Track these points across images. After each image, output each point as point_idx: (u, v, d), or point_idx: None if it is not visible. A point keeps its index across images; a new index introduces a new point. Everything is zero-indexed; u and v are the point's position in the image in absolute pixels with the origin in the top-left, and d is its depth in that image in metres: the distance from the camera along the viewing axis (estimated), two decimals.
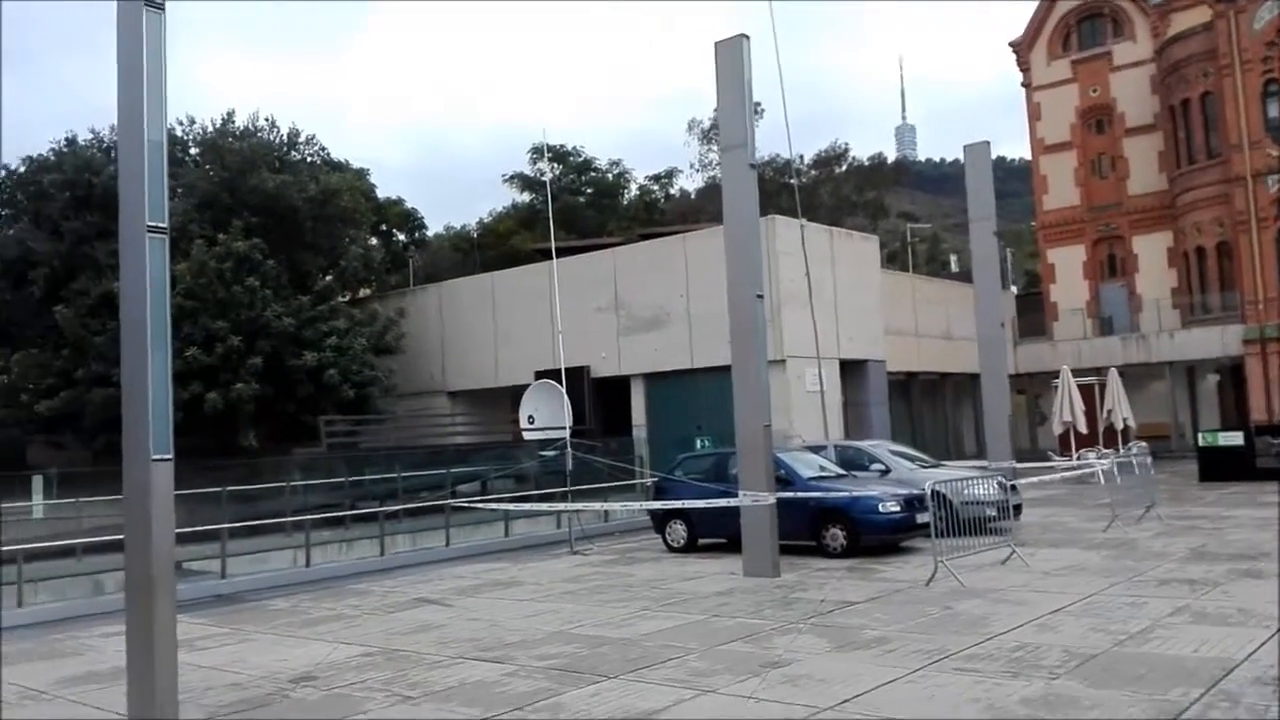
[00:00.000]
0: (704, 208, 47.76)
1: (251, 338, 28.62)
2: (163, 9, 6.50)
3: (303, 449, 28.13)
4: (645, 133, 77.08)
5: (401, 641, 9.56)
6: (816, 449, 17.80)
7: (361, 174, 41.47)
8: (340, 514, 19.85)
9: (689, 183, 56.46)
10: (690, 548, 15.85)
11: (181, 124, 34.37)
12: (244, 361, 28.14)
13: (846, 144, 55.25)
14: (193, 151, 34.38)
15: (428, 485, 23.05)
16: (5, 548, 14.70)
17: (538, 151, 48.54)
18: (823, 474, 15.53)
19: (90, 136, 34.09)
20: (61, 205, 31.87)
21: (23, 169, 34.52)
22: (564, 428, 18.71)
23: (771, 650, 8.25)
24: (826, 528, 14.26)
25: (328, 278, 34.85)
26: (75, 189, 31.89)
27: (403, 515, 20.07)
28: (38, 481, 24.88)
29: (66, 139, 34.00)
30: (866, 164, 55.79)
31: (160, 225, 6.58)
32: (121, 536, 7.17)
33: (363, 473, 24.78)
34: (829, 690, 6.86)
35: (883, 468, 16.94)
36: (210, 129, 34.31)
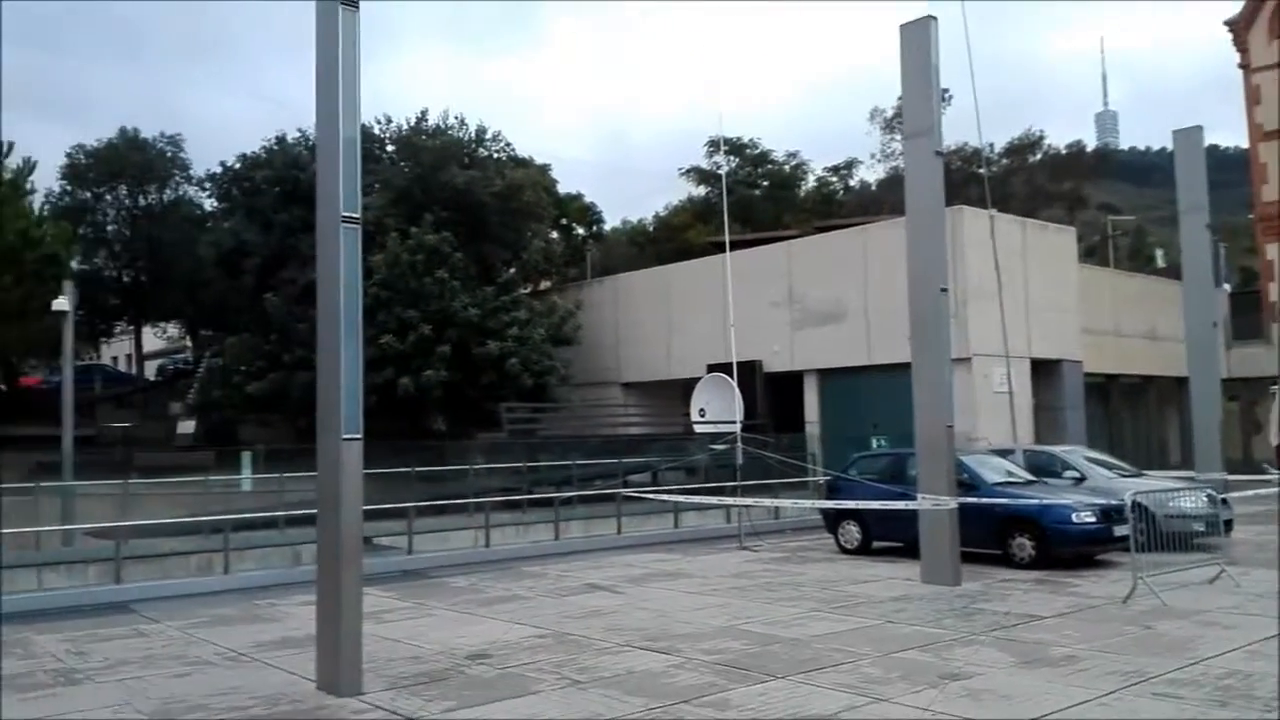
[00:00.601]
0: (885, 199, 46.39)
1: (440, 327, 29.90)
2: (357, 7, 6.79)
3: (485, 434, 29.15)
4: (824, 123, 75.68)
5: (572, 625, 9.71)
6: (1004, 453, 16.94)
7: (544, 169, 42.55)
8: (518, 498, 20.45)
9: (869, 174, 54.99)
10: (864, 550, 15.40)
11: (379, 122, 36.27)
12: (433, 349, 29.43)
13: (1041, 131, 52.30)
14: (389, 149, 36.21)
15: (601, 473, 23.44)
16: (217, 517, 15.93)
17: (714, 145, 48.43)
18: (1010, 479, 14.74)
19: (298, 135, 36.50)
20: (271, 200, 34.27)
21: (238, 166, 37.36)
22: (735, 422, 18.58)
23: (950, 661, 7.86)
24: (1013, 536, 13.53)
25: (511, 270, 35.97)
26: (283, 184, 34.21)
27: (576, 502, 20.47)
28: (246, 457, 26.89)
29: (276, 137, 36.53)
30: (1064, 152, 52.70)
31: (353, 216, 6.89)
32: (314, 511, 7.63)
33: (539, 459, 25.46)
34: (1012, 707, 6.46)
35: (1077, 475, 15.93)
36: (405, 127, 36.05)
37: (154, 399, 44.77)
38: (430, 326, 29.47)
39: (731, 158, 49.13)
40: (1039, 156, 51.66)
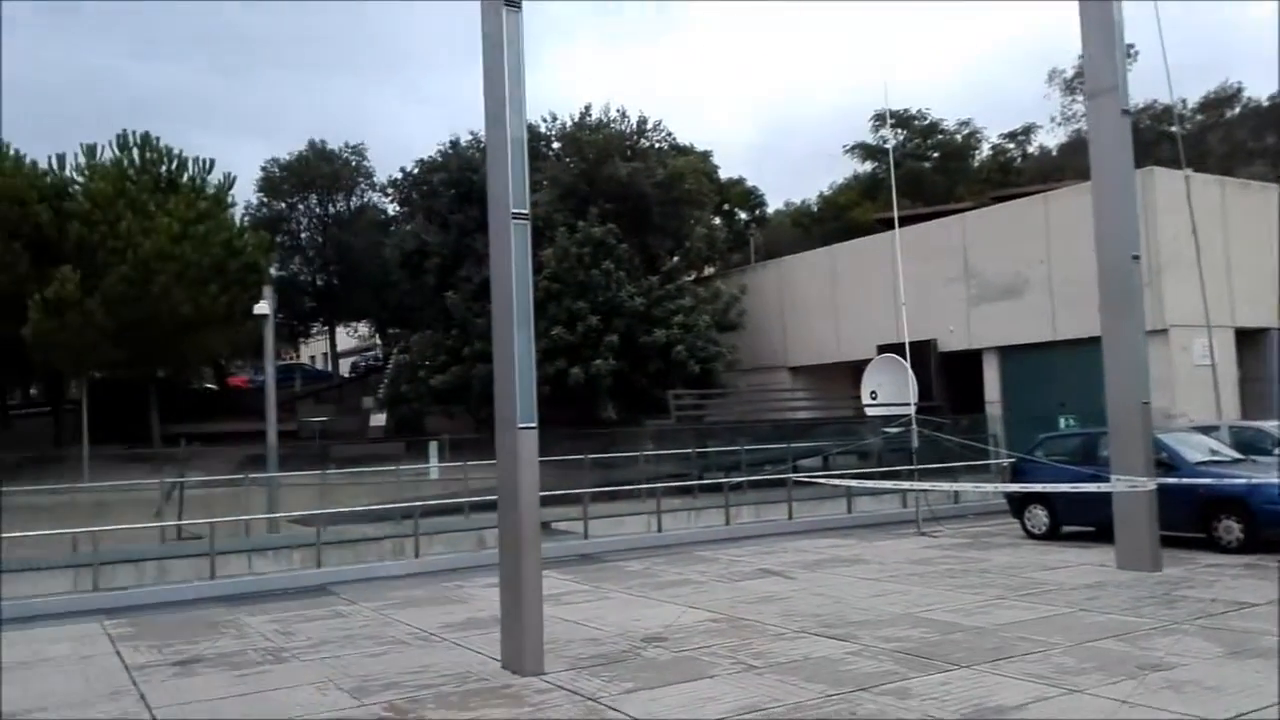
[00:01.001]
0: (1067, 165, 43.79)
1: (608, 317, 30.46)
2: (519, 7, 6.97)
3: (654, 421, 29.51)
4: (997, 89, 71.84)
5: (746, 610, 9.70)
6: (1207, 430, 15.75)
7: (705, 156, 42.52)
8: (689, 483, 20.59)
9: (1049, 138, 52.01)
10: (1052, 535, 14.67)
11: (545, 120, 37.18)
12: (602, 339, 30.02)
13: (1239, 83, 47.90)
14: (554, 146, 37.09)
15: (770, 459, 23.28)
16: (407, 504, 16.80)
17: (879, 118, 47.04)
18: (1214, 458, 13.69)
19: (470, 137, 37.91)
20: (448, 201, 35.76)
21: (416, 170, 39.15)
22: (909, 404, 18.04)
23: (1150, 651, 7.39)
24: (1218, 519, 12.58)
25: (674, 258, 36.19)
26: (458, 186, 35.63)
27: (747, 487, 20.43)
28: (433, 447, 28.24)
29: (450, 141, 38.06)
30: (1266, 105, 48.25)
31: (522, 213, 7.09)
32: (496, 497, 7.93)
33: (708, 444, 25.55)
34: (1221, 701, 6.01)
35: None
36: (569, 124, 36.82)
37: (348, 394, 47.69)
38: (598, 317, 30.06)
39: (899, 131, 47.61)
40: (1237, 111, 47.51)
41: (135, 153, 32.08)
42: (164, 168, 32.39)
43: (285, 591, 12.46)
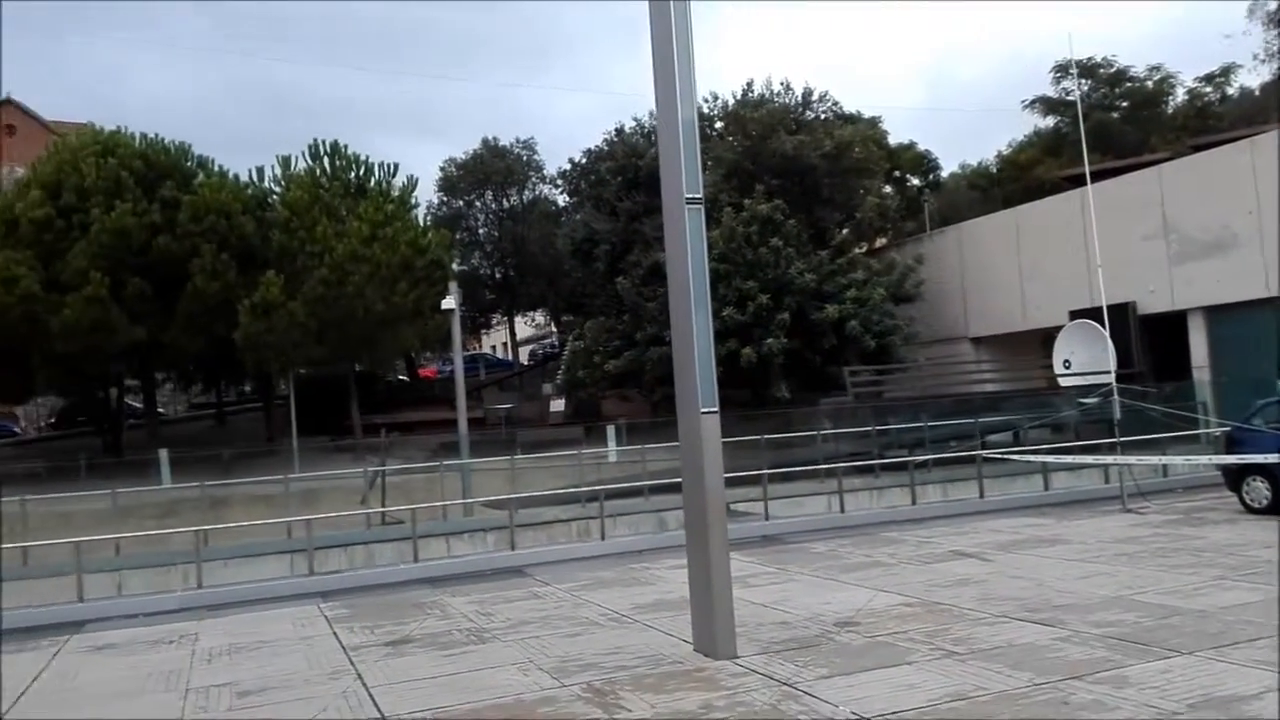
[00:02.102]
0: (1274, 106, 39.96)
1: (778, 295, 30.15)
2: None
3: (829, 399, 29.06)
4: (1190, 28, 66.22)
5: (941, 594, 9.40)
6: None
7: (873, 123, 41.33)
8: (870, 462, 20.17)
9: (1251, 78, 47.58)
10: (1274, 509, 13.49)
11: (707, 101, 37.08)
12: (773, 318, 29.76)
13: None
14: (718, 125, 36.95)
15: (956, 435, 22.50)
16: (592, 488, 17.22)
17: (1061, 69, 44.27)
18: None
19: (634, 124, 38.29)
20: (615, 188, 36.28)
21: (584, 160, 39.89)
22: (1107, 372, 16.98)
23: None
24: None
25: (844, 231, 35.43)
26: (625, 173, 36.08)
27: (932, 465, 19.80)
28: (611, 430, 28.85)
29: (616, 129, 38.60)
30: None
31: (696, 197, 7.07)
32: (678, 480, 7.98)
33: (888, 422, 24.92)
34: None
35: None
36: (732, 102, 36.57)
37: (529, 381, 49.32)
38: (768, 295, 29.80)
39: (1083, 81, 44.68)
40: None
41: (326, 161, 34.16)
42: (353, 174, 34.34)
43: (483, 573, 13.01)
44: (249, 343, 30.75)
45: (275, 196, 34.29)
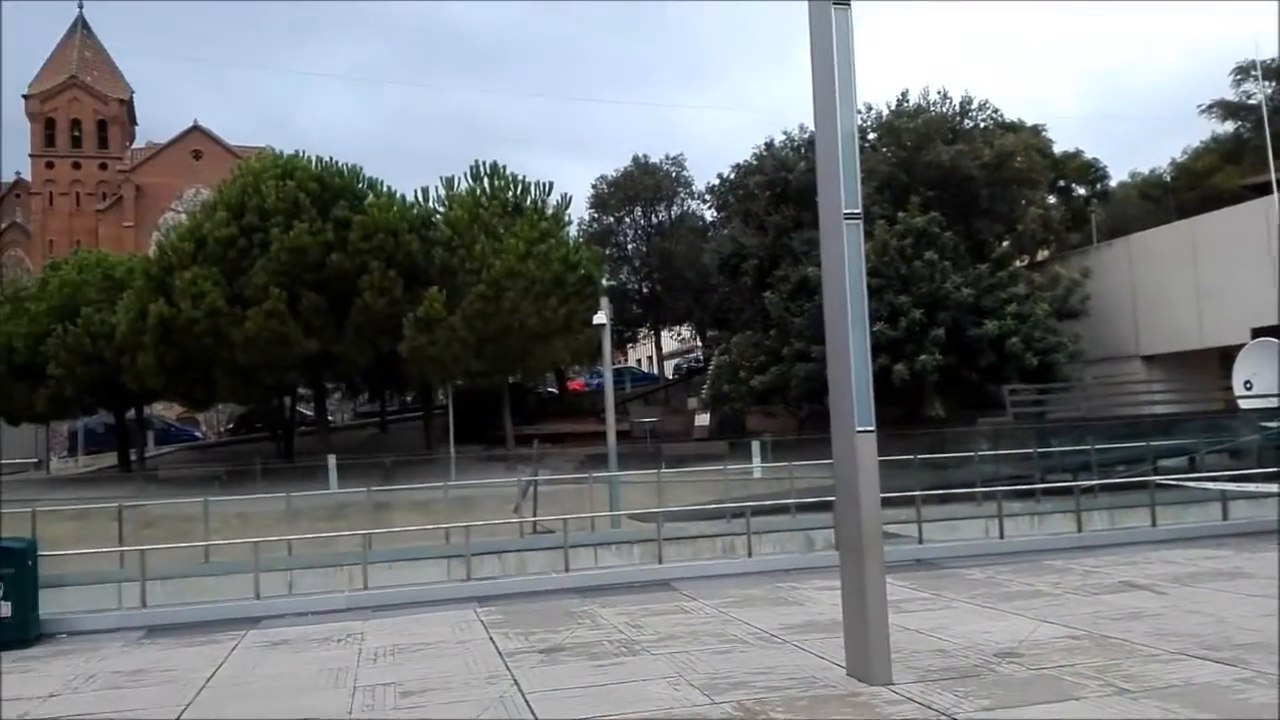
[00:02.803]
0: None
1: (932, 310, 29.33)
2: (848, 5, 6.87)
3: (987, 418, 28.00)
4: None
5: (1110, 627, 8.90)
6: None
7: (1036, 131, 39.75)
8: (1031, 486, 19.30)
9: None
10: None
11: (860, 113, 36.45)
12: (926, 333, 28.96)
13: None
14: (870, 137, 36.33)
15: (1124, 459, 21.28)
16: (738, 504, 17.13)
17: (1243, 71, 41.43)
18: None
19: (783, 138, 38.07)
20: (764, 203, 36.15)
21: (733, 175, 39.91)
22: None
23: None
24: None
25: (1004, 243, 34.17)
26: (774, 187, 35.91)
27: (1099, 490, 18.77)
28: (756, 446, 28.64)
29: (765, 143, 38.48)
30: None
31: (855, 212, 6.97)
32: (825, 499, 7.86)
33: (1051, 443, 23.79)
34: None
35: None
36: (885, 112, 35.89)
37: (674, 395, 49.62)
38: (922, 310, 29.03)
39: (1268, 83, 41.69)
40: None
41: (486, 181, 35.46)
42: (510, 193, 35.51)
43: (631, 585, 13.11)
44: (412, 355, 32.12)
45: (439, 216, 35.79)
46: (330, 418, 43.02)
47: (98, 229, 73.52)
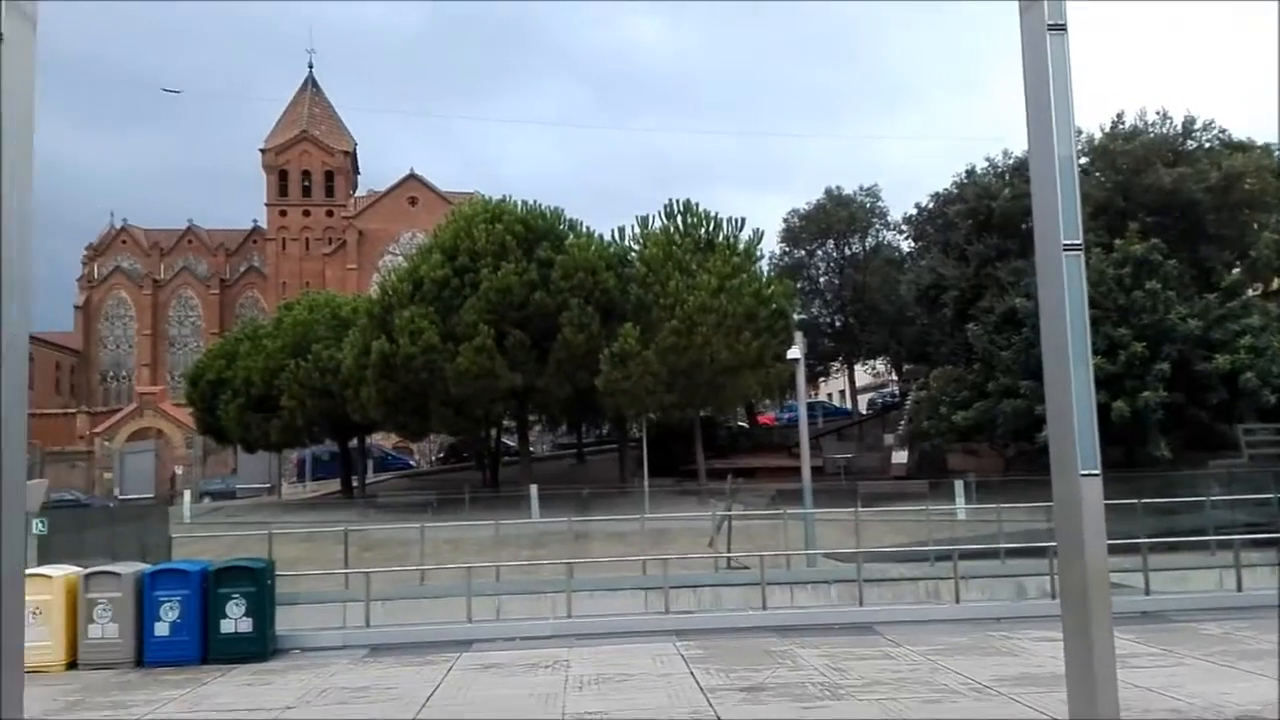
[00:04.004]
0: None
1: (1155, 343, 27.37)
2: (1064, 29, 6.60)
3: (1220, 460, 25.78)
4: None
5: None
6: None
7: (1269, 150, 36.54)
8: (1272, 535, 17.57)
9: None
10: None
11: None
12: (1149, 368, 27.03)
13: None
14: (1082, 161, 34.47)
15: None
16: (943, 547, 16.47)
17: None
18: None
19: (985, 165, 36.72)
20: (965, 232, 34.91)
21: (930, 204, 38.81)
22: None
23: None
24: None
25: (1235, 271, 31.51)
26: (975, 215, 34.64)
27: None
28: (959, 486, 27.47)
29: (966, 171, 37.20)
30: None
31: (1075, 244, 6.65)
32: (1038, 544, 7.43)
33: None
34: None
35: None
36: (1098, 135, 34.01)
37: (868, 431, 48.43)
38: (1143, 344, 27.14)
39: None
40: None
41: (679, 219, 36.05)
42: (703, 229, 35.93)
43: (830, 626, 12.88)
44: (608, 389, 32.91)
45: (634, 253, 36.64)
46: (531, 448, 44.61)
47: (324, 271, 79.79)
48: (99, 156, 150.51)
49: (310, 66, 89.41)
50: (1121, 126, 33.46)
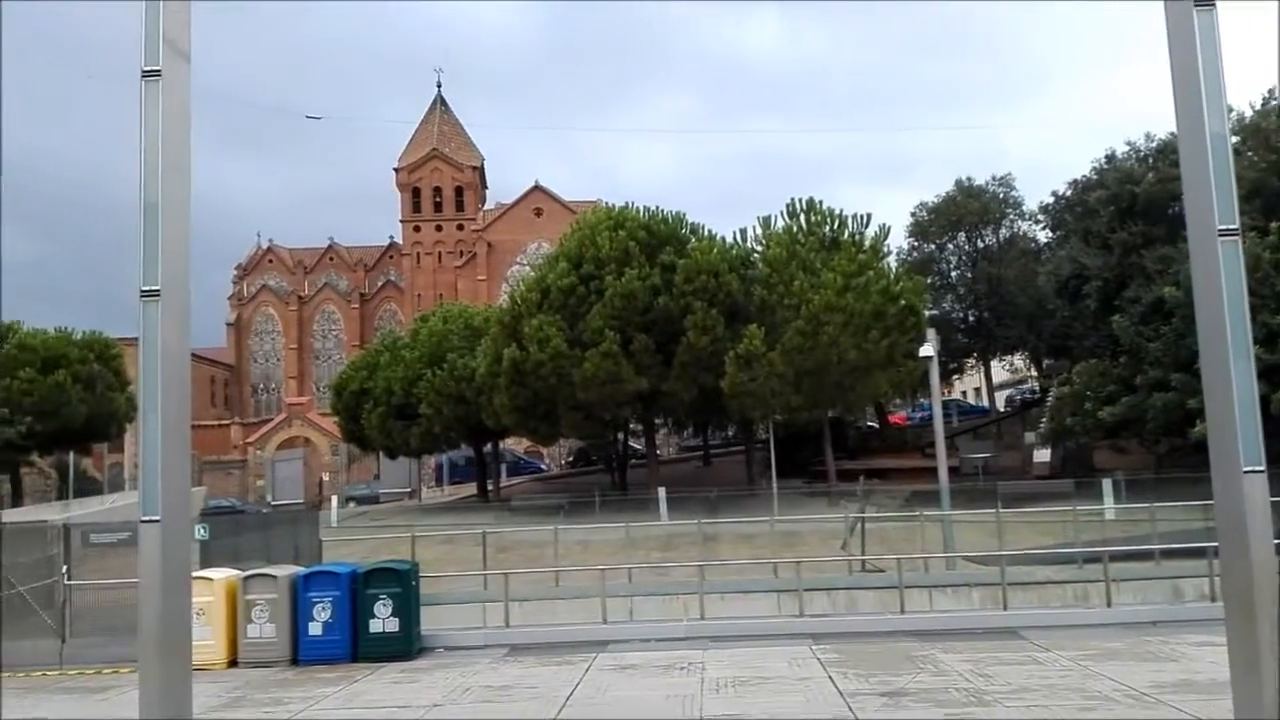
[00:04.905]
0: None
1: None
2: (1213, 5, 6.26)
3: None
4: None
5: None
6: None
7: None
8: None
9: None
10: None
11: None
12: None
13: None
14: (1233, 140, 32.44)
15: None
16: (1092, 548, 15.75)
17: None
18: None
19: (1126, 149, 35.00)
20: (1107, 219, 33.34)
21: (1068, 192, 37.22)
22: None
23: None
24: None
25: None
26: (1118, 201, 33.03)
27: None
28: (1107, 485, 26.25)
29: (1105, 156, 35.54)
30: None
31: (1231, 228, 6.29)
32: (1195, 545, 7.03)
33: None
34: None
35: None
36: (1249, 113, 31.99)
37: (1006, 429, 46.75)
38: None
39: None
40: None
41: (802, 218, 35.65)
42: (827, 227, 35.43)
43: (972, 631, 12.52)
44: (734, 391, 32.81)
45: (756, 254, 36.43)
46: (658, 451, 44.84)
47: (456, 283, 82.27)
48: (246, 181, 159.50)
49: (439, 86, 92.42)
50: (1274, 102, 31.35)
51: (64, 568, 12.86)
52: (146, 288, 5.05)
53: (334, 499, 45.90)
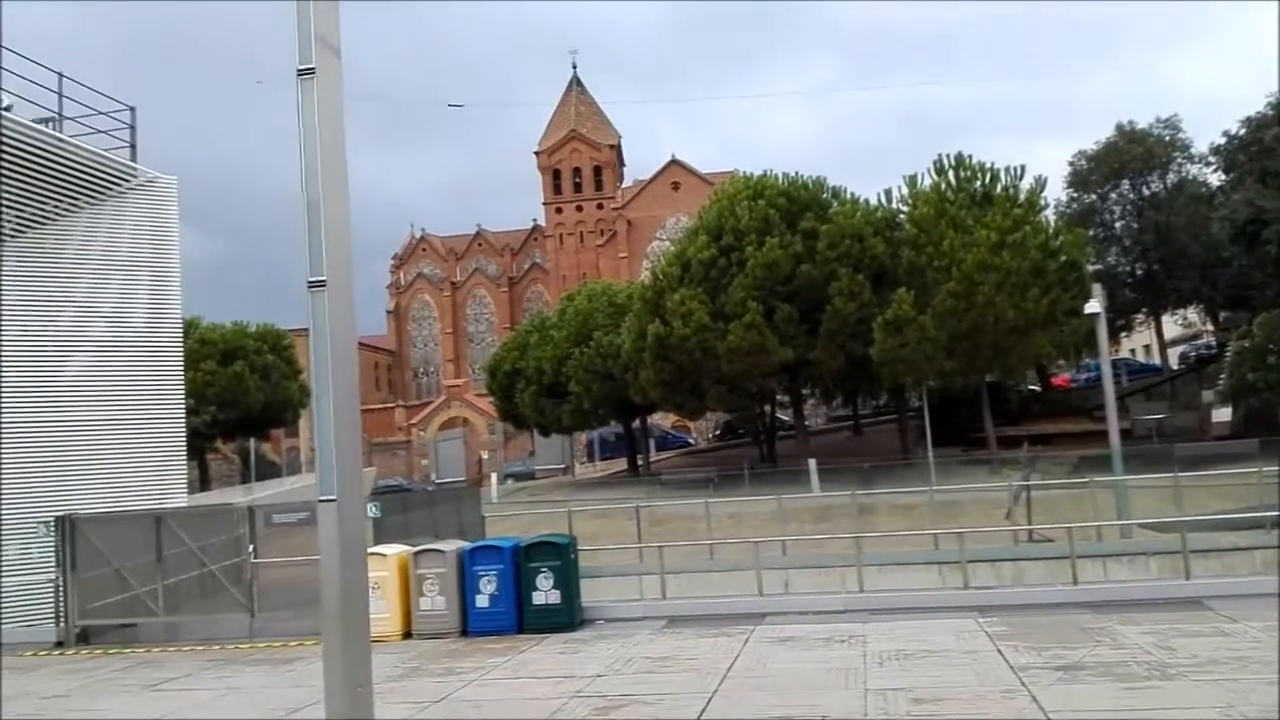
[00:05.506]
0: None
1: None
2: None
3: None
4: None
5: None
6: None
7: None
8: None
9: None
10: None
11: None
12: None
13: None
14: None
15: None
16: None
17: None
18: None
19: None
20: None
21: (1242, 130, 34.49)
22: None
23: None
24: None
25: None
26: None
27: None
28: None
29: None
30: None
31: None
32: None
33: None
34: None
35: None
36: None
37: (1181, 388, 43.96)
38: None
39: None
40: None
41: (950, 174, 34.32)
42: (978, 183, 34.01)
43: (1152, 602, 11.84)
44: (884, 358, 32.05)
45: (903, 215, 35.35)
46: (806, 422, 44.31)
47: (598, 262, 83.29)
48: (396, 174, 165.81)
49: (574, 67, 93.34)
50: None
51: (250, 547, 13.71)
52: (313, 278, 5.29)
53: (493, 476, 47.48)
